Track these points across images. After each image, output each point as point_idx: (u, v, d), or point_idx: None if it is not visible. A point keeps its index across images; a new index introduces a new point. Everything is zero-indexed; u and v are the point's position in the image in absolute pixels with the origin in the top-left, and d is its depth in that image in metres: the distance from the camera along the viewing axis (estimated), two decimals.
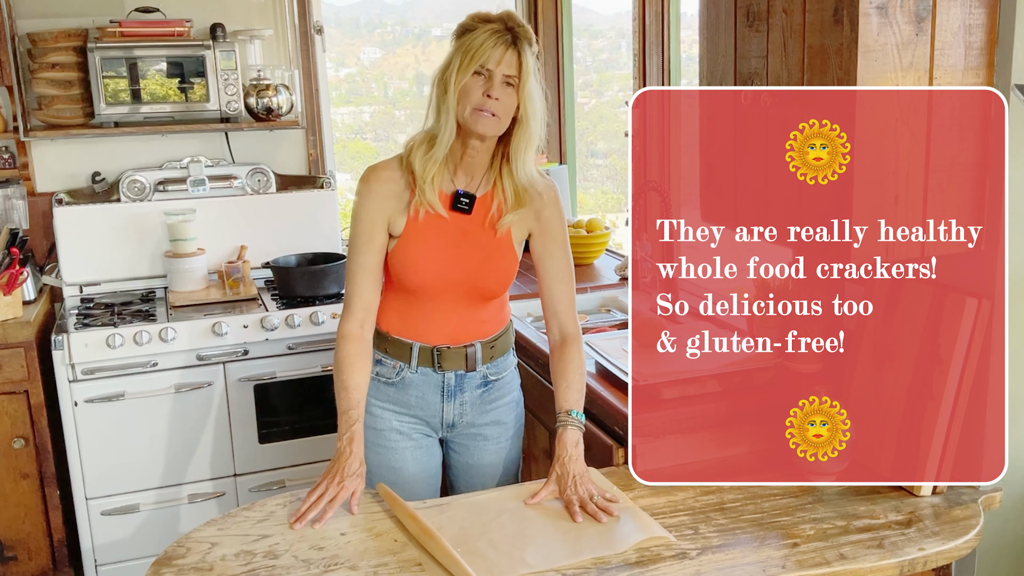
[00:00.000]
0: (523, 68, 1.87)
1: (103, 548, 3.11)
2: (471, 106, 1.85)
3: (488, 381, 2.09)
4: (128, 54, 3.27)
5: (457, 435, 2.12)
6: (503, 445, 2.15)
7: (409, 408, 2.07)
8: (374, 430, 2.08)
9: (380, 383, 2.07)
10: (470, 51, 1.85)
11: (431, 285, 1.98)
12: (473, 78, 1.85)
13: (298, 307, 3.22)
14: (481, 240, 1.98)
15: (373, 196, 1.96)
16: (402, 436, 2.08)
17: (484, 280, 2.00)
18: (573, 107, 4.15)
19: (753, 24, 1.87)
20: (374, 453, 2.08)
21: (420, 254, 1.97)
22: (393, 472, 2.06)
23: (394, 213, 1.97)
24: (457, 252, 1.97)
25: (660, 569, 1.58)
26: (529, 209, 1.99)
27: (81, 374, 2.99)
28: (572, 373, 1.99)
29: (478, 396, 2.09)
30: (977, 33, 1.67)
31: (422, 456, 2.10)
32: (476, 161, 1.96)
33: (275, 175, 3.64)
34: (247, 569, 1.61)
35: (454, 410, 2.08)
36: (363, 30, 5.02)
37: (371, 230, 1.96)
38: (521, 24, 1.89)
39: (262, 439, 3.21)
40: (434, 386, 2.05)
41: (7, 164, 3.44)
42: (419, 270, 1.97)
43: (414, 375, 2.04)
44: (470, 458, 2.14)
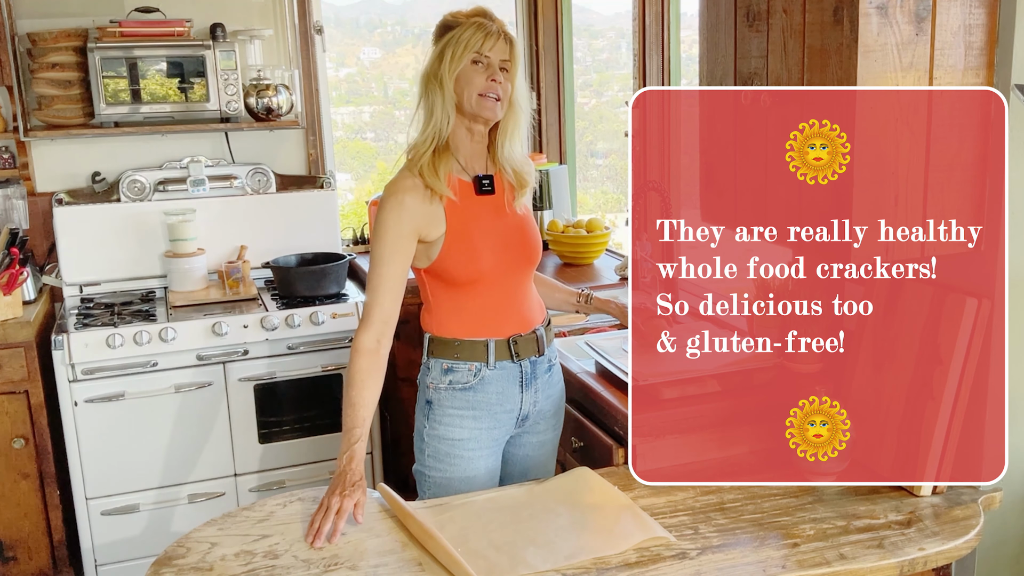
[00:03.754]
0: (514, 55, 1.98)
1: (103, 548, 3.11)
2: (476, 92, 1.94)
3: (551, 364, 2.16)
4: (128, 54, 3.27)
5: (523, 430, 2.16)
6: (553, 435, 2.24)
7: (489, 408, 2.06)
8: (450, 441, 2.06)
9: (455, 391, 2.05)
10: (463, 41, 1.93)
11: (492, 269, 2.02)
12: (471, 67, 1.94)
13: (298, 307, 3.22)
14: (511, 216, 2.07)
15: (398, 207, 1.96)
16: (479, 445, 2.07)
17: (528, 250, 2.08)
18: (573, 107, 4.14)
19: (753, 24, 1.87)
20: (448, 464, 2.06)
21: (473, 242, 2.00)
22: (467, 482, 2.06)
23: (425, 221, 1.98)
24: (501, 232, 2.04)
25: (660, 569, 1.58)
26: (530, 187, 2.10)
27: (81, 374, 2.99)
28: (548, 279, 2.39)
29: (546, 381, 2.14)
30: (977, 33, 1.67)
31: (492, 465, 2.12)
32: (480, 148, 2.05)
33: (275, 175, 3.65)
34: (247, 569, 1.61)
35: (530, 399, 2.11)
36: (363, 30, 5.01)
37: (399, 242, 1.96)
38: (497, 18, 1.99)
39: (262, 439, 3.21)
40: (513, 378, 2.07)
41: (7, 164, 3.44)
42: (476, 258, 2.00)
43: (492, 371, 2.05)
44: (522, 449, 2.19)
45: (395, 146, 5.28)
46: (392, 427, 3.40)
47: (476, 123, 1.99)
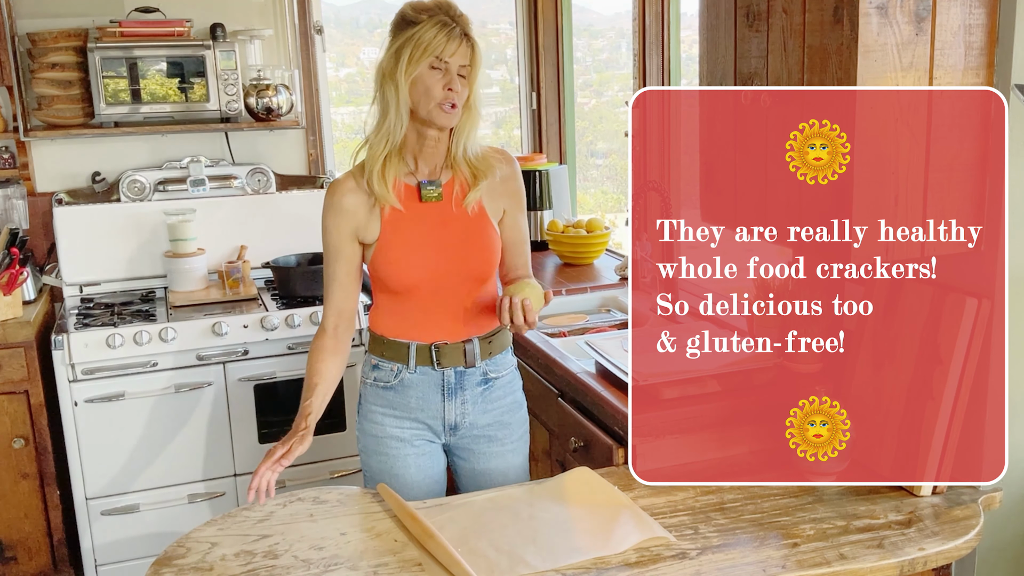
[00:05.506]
0: (475, 58, 1.92)
1: (103, 548, 3.11)
2: (434, 101, 1.89)
3: (488, 379, 2.09)
4: (128, 54, 3.27)
5: (461, 439, 2.12)
6: (508, 448, 2.14)
7: (410, 411, 2.07)
8: (374, 437, 2.09)
9: (379, 388, 2.08)
10: (422, 44, 1.87)
11: (420, 280, 1.99)
12: (428, 72, 1.89)
13: (298, 307, 3.22)
14: (459, 224, 2.01)
15: (335, 210, 2.01)
16: (402, 443, 2.07)
17: (471, 261, 2.01)
18: (573, 107, 4.14)
19: (753, 24, 1.87)
20: (376, 460, 2.09)
21: (402, 252, 1.98)
22: (395, 479, 2.06)
23: (362, 223, 1.99)
24: (438, 241, 1.99)
25: (660, 569, 1.58)
26: (493, 180, 2.03)
27: (81, 374, 2.99)
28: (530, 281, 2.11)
29: (479, 394, 2.09)
30: (977, 33, 1.67)
31: (424, 462, 2.09)
32: (436, 151, 2.00)
33: (275, 175, 3.65)
34: (247, 569, 1.61)
35: (455, 409, 2.07)
36: (363, 30, 5.02)
37: (337, 243, 2.03)
38: (461, 14, 1.93)
39: (262, 439, 3.21)
40: (434, 385, 2.05)
41: (7, 164, 3.44)
42: (404, 268, 1.99)
43: (413, 375, 2.04)
44: (476, 463, 2.14)
45: None
46: None
47: (429, 128, 1.95)
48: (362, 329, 3.25)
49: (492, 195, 2.05)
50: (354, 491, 1.89)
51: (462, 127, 1.97)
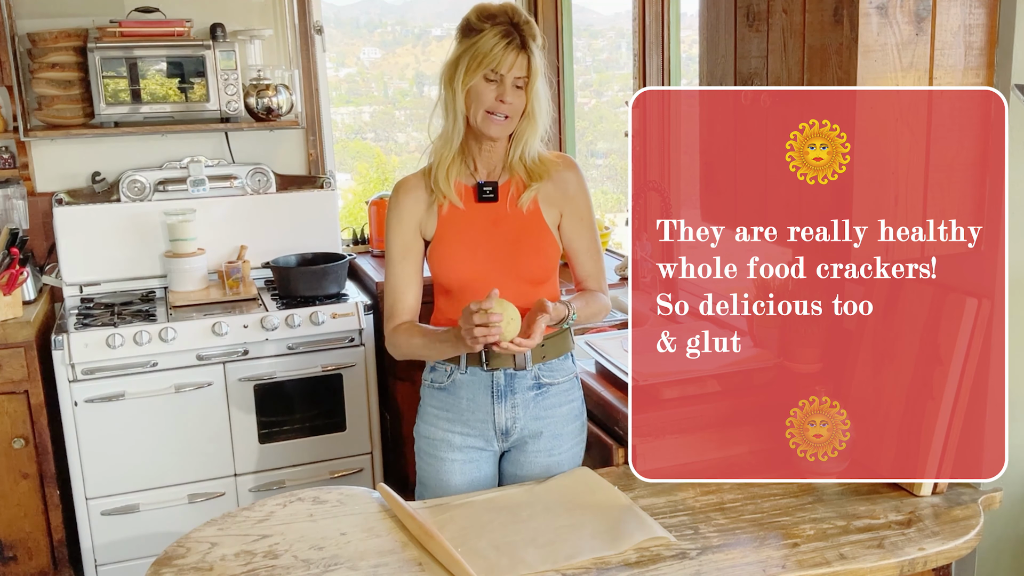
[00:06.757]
0: (532, 69, 1.91)
1: (103, 548, 3.11)
2: (483, 109, 1.91)
3: (542, 384, 2.04)
4: (128, 54, 3.27)
5: (514, 444, 2.07)
6: (555, 459, 2.06)
7: (461, 414, 2.04)
8: (427, 439, 2.08)
9: (434, 389, 2.07)
10: (479, 55, 1.88)
11: (471, 279, 1.99)
12: (483, 83, 1.90)
13: (298, 307, 3.22)
14: (513, 225, 2.01)
15: (401, 206, 2.03)
16: (452, 448, 2.05)
17: (524, 263, 2.01)
18: (573, 107, 4.14)
19: (753, 24, 1.87)
20: (425, 463, 2.08)
21: (455, 250, 2.00)
22: (440, 484, 2.05)
23: (424, 219, 2.02)
24: (491, 241, 2.00)
25: (660, 569, 1.58)
26: (548, 183, 2.02)
27: (81, 374, 2.99)
28: (588, 295, 2.09)
29: (531, 399, 2.03)
30: (977, 33, 1.67)
31: (470, 470, 2.06)
32: (494, 155, 2.01)
33: (275, 175, 3.65)
34: (247, 569, 1.61)
35: (506, 413, 2.03)
36: (363, 30, 5.02)
37: (405, 239, 2.03)
38: (527, 20, 1.92)
39: (262, 439, 3.21)
40: (483, 386, 2.02)
41: (7, 164, 3.44)
42: (455, 266, 2.00)
43: (464, 376, 2.03)
44: (521, 471, 2.07)
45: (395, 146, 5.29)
46: (392, 427, 3.40)
47: (483, 137, 1.97)
48: (362, 329, 3.25)
49: (549, 199, 2.03)
50: (354, 491, 1.88)
51: (520, 133, 1.98)
